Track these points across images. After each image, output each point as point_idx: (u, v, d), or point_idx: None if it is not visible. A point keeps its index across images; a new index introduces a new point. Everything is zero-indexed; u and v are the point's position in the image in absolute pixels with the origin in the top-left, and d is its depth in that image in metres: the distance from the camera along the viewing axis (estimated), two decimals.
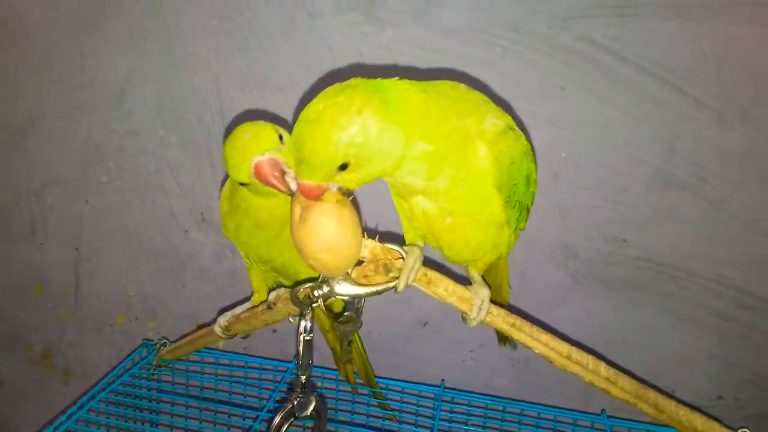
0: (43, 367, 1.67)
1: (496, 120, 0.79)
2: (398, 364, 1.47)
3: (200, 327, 1.27)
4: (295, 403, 0.86)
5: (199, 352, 1.32)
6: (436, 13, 1.32)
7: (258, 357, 1.35)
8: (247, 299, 1.16)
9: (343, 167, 0.68)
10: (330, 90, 0.69)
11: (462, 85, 0.81)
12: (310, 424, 0.91)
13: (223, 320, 1.13)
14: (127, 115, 1.48)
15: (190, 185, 1.49)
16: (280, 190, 0.84)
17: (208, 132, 1.45)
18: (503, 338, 1.27)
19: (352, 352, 1.16)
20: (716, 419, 1.00)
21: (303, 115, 0.68)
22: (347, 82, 0.70)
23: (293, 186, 0.83)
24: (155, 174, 1.50)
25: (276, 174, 0.84)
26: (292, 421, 0.87)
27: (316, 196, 0.70)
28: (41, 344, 1.66)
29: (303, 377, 0.85)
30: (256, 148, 0.85)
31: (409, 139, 0.70)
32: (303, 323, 0.78)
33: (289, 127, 1.04)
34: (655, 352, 1.40)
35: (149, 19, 1.42)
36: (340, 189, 0.71)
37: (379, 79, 0.72)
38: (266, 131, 0.88)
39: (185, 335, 1.30)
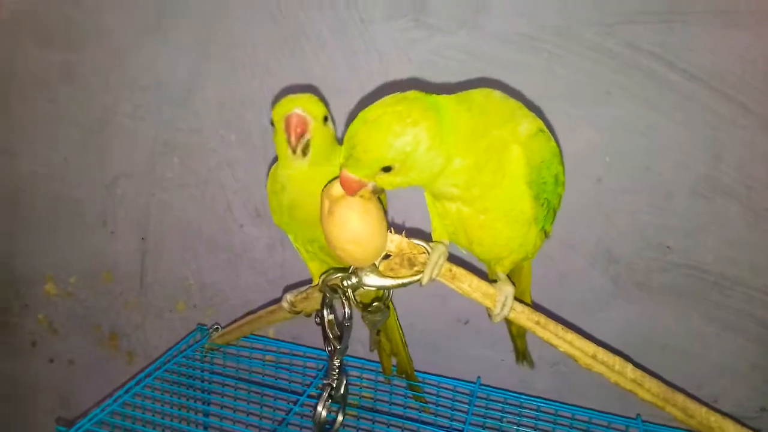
0: (110, 348, 1.79)
1: (528, 124, 0.84)
2: (438, 360, 1.51)
3: (247, 314, 1.34)
4: (334, 385, 0.92)
5: (249, 339, 1.41)
6: (483, 19, 1.35)
7: (303, 346, 1.42)
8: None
9: (387, 169, 0.74)
10: (391, 98, 0.76)
11: (495, 92, 0.86)
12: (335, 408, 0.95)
13: (290, 296, 1.18)
14: (191, 114, 1.58)
15: (247, 182, 1.57)
16: (288, 141, 0.96)
17: (264, 131, 1.53)
18: (521, 356, 1.30)
19: (380, 341, 1.22)
20: (757, 431, 1.00)
21: (362, 115, 0.75)
22: (407, 93, 0.77)
23: (298, 148, 0.96)
24: (215, 170, 1.59)
25: (298, 130, 0.95)
26: (330, 402, 0.93)
27: (353, 190, 0.76)
28: (109, 327, 1.78)
29: (337, 362, 0.91)
30: (303, 104, 0.96)
31: (452, 157, 0.76)
32: (325, 311, 0.84)
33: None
34: (697, 361, 1.39)
35: (213, 24, 1.52)
36: (374, 188, 0.77)
37: (434, 96, 0.78)
38: (320, 104, 0.99)
39: (234, 321, 1.38)
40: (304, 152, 0.98)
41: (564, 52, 1.33)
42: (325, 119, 0.99)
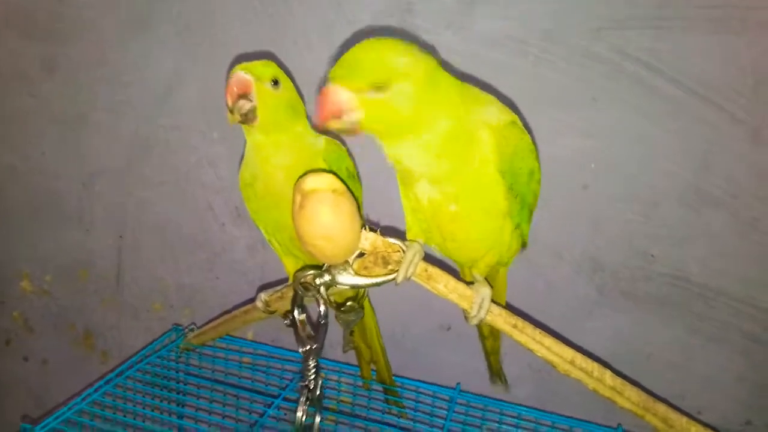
0: (85, 347, 1.75)
1: (500, 114, 0.84)
2: (420, 365, 1.48)
3: (223, 314, 1.31)
4: (311, 386, 0.89)
5: (226, 340, 1.38)
6: (470, 21, 1.34)
7: (281, 348, 1.39)
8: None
9: (379, 89, 0.71)
10: None
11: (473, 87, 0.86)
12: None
13: (264, 295, 1.14)
14: (172, 111, 1.55)
15: (228, 180, 1.54)
16: (226, 100, 0.91)
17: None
18: (495, 374, 1.29)
19: (360, 347, 1.19)
20: None
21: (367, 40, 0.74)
22: None
23: (234, 110, 0.92)
24: (195, 168, 1.56)
25: (235, 89, 0.91)
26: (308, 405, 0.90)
27: (333, 111, 0.72)
28: (84, 326, 1.74)
29: (312, 362, 0.88)
30: (247, 67, 0.93)
31: (437, 112, 0.75)
32: (296, 311, 0.82)
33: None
34: (681, 372, 1.37)
35: (197, 22, 1.49)
36: (352, 119, 0.73)
37: None
38: (269, 66, 0.96)
39: (210, 320, 1.35)
40: (247, 117, 0.93)
41: (551, 56, 1.31)
42: (275, 83, 0.95)
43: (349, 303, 0.87)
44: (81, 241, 1.68)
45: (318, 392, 0.88)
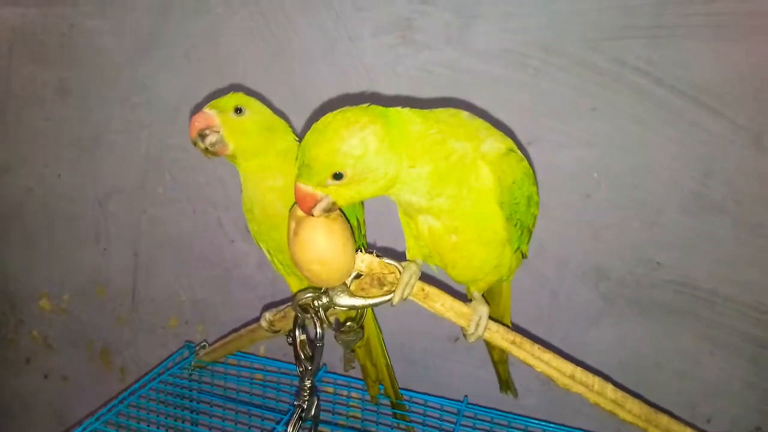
0: (103, 364, 1.79)
1: (496, 143, 0.84)
2: (428, 378, 1.50)
3: (232, 332, 1.33)
4: (305, 406, 0.91)
5: (238, 356, 1.40)
6: (469, 35, 1.35)
7: (291, 363, 1.41)
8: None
9: (338, 177, 0.73)
10: (343, 108, 0.76)
11: (463, 112, 0.86)
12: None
13: (269, 315, 1.16)
14: (181, 131, 1.59)
15: (237, 198, 1.56)
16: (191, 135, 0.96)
17: None
18: (504, 384, 1.30)
19: (355, 360, 1.20)
20: None
21: (313, 126, 0.75)
22: (359, 105, 0.76)
23: (202, 141, 0.96)
24: (205, 186, 1.59)
25: (197, 124, 0.95)
26: (301, 424, 0.92)
27: (307, 205, 0.75)
28: (101, 343, 1.78)
29: (308, 382, 0.91)
30: (209, 104, 0.97)
31: (404, 162, 0.76)
32: (297, 331, 0.84)
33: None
34: (690, 379, 1.37)
35: (203, 43, 1.53)
36: (328, 204, 0.76)
37: (388, 107, 0.78)
38: (233, 97, 0.99)
39: (221, 337, 1.37)
40: (216, 148, 0.96)
41: (550, 68, 1.32)
42: (238, 110, 0.97)
43: (348, 324, 0.89)
44: (97, 260, 1.72)
45: (312, 412, 0.91)
